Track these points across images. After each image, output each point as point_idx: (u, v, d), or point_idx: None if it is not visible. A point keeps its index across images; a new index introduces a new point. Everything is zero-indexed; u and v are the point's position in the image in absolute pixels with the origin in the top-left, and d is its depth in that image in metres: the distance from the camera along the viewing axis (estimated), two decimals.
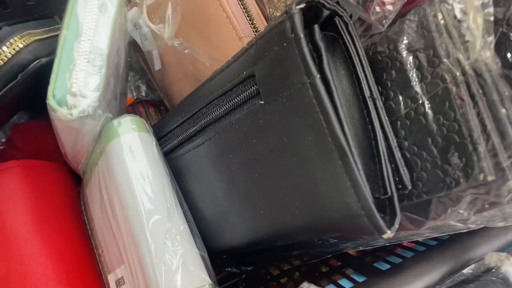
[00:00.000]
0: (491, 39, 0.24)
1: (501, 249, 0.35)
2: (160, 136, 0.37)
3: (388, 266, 0.35)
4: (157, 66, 0.42)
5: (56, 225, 0.37)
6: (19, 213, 0.35)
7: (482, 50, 0.23)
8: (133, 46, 0.46)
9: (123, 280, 0.35)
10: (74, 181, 0.43)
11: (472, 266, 0.33)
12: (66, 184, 0.41)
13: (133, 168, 0.33)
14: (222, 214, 0.33)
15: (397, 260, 0.36)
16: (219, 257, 0.44)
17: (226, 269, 0.45)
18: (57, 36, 0.34)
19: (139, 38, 0.41)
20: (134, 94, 0.51)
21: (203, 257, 0.32)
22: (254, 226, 0.30)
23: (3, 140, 0.44)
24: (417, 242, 0.37)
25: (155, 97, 0.51)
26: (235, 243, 0.33)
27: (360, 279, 0.36)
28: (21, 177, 0.36)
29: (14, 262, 0.34)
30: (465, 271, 0.33)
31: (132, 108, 0.53)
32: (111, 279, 0.37)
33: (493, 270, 0.32)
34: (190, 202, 0.35)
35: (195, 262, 0.31)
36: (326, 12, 0.27)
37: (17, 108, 0.45)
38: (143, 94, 0.50)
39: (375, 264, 0.37)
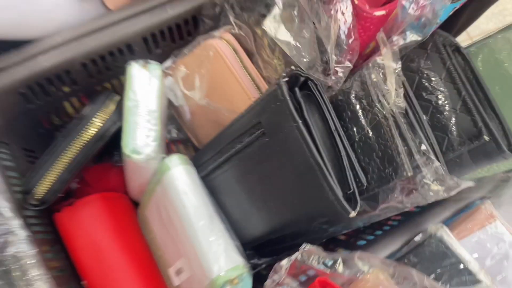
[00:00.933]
0: (401, 90, 0.40)
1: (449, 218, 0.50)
2: (198, 166, 0.52)
3: (364, 242, 0.50)
4: (188, 116, 0.58)
5: (130, 239, 0.52)
6: (106, 233, 0.50)
7: (396, 98, 0.39)
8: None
9: (182, 269, 0.50)
10: (133, 205, 0.59)
11: (420, 234, 0.48)
12: (130, 208, 0.57)
13: (183, 191, 0.48)
14: (246, 215, 0.48)
15: (371, 238, 0.51)
16: (244, 253, 0.59)
17: (251, 261, 0.60)
18: (120, 104, 0.50)
19: (173, 98, 0.57)
20: (167, 136, 0.66)
21: (237, 246, 0.47)
22: (269, 220, 0.46)
23: (77, 180, 0.60)
24: (383, 224, 0.52)
25: (183, 136, 0.66)
26: (256, 234, 0.48)
27: None
28: (102, 206, 0.52)
29: (107, 269, 0.49)
30: (415, 238, 0.48)
31: (166, 147, 0.68)
32: (172, 271, 0.52)
33: (432, 236, 0.47)
34: (223, 209, 0.50)
35: (232, 249, 0.46)
36: (302, 79, 0.43)
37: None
38: (175, 135, 0.66)
39: (357, 243, 0.52)
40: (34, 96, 0.54)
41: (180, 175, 0.49)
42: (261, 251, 0.57)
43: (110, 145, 0.55)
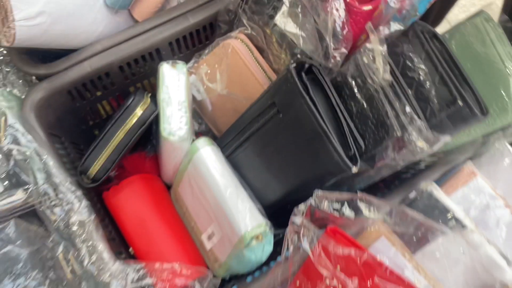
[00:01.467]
0: (388, 67, 0.49)
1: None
2: (221, 147, 0.61)
3: None
4: (209, 108, 0.67)
5: (167, 211, 0.61)
6: (147, 205, 0.59)
7: (383, 73, 0.48)
8: None
9: (213, 233, 0.59)
10: (164, 185, 0.68)
11: (414, 192, 0.57)
12: (164, 187, 0.66)
13: (212, 166, 0.57)
14: (265, 183, 0.57)
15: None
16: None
17: None
18: (153, 98, 0.60)
19: (196, 93, 0.66)
20: None
21: (259, 209, 0.56)
22: (285, 184, 0.55)
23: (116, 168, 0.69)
24: (382, 188, 0.61)
25: (204, 129, 0.75)
26: (274, 199, 0.57)
27: None
28: (143, 183, 0.61)
29: (150, 236, 0.58)
30: (410, 195, 0.56)
31: None
32: (204, 237, 0.60)
33: (424, 191, 0.56)
34: (245, 181, 0.59)
35: (256, 211, 0.55)
36: (307, 65, 0.52)
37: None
38: (196, 128, 0.75)
39: None
40: (79, 95, 0.64)
41: (208, 153, 0.58)
42: (277, 220, 0.66)
43: (144, 138, 0.65)
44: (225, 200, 0.55)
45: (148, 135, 0.70)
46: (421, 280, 0.53)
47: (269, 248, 0.56)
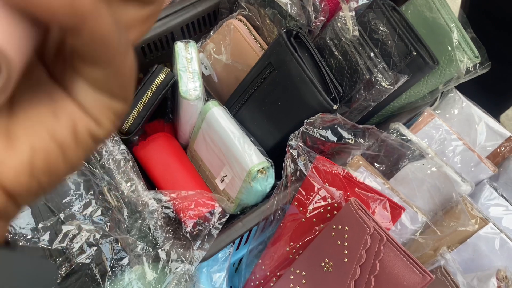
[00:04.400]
0: (357, 27, 0.63)
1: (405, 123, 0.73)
2: (229, 107, 0.75)
3: None
4: (215, 79, 0.81)
5: (186, 160, 0.74)
6: (170, 155, 0.72)
7: (353, 32, 0.63)
8: None
9: (225, 175, 0.71)
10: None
11: (385, 132, 0.70)
12: (180, 145, 0.79)
13: (222, 120, 0.71)
14: (266, 130, 0.71)
15: None
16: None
17: None
18: (171, 71, 0.74)
19: (204, 69, 0.80)
20: None
21: (261, 151, 0.70)
22: (283, 127, 0.68)
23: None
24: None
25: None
26: (274, 142, 0.70)
27: None
28: (166, 138, 0.74)
29: (175, 179, 0.71)
30: (381, 135, 0.70)
31: None
32: (217, 180, 0.73)
33: (392, 129, 0.69)
34: (250, 131, 0.72)
35: (259, 152, 0.68)
36: (294, 32, 0.67)
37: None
38: None
39: None
40: None
41: (219, 111, 0.72)
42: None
43: (161, 110, 0.78)
44: (234, 144, 0.68)
45: (165, 109, 0.84)
46: (396, 199, 0.66)
47: (271, 180, 0.68)
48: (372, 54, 0.62)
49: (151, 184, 0.73)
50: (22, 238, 0.51)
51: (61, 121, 0.19)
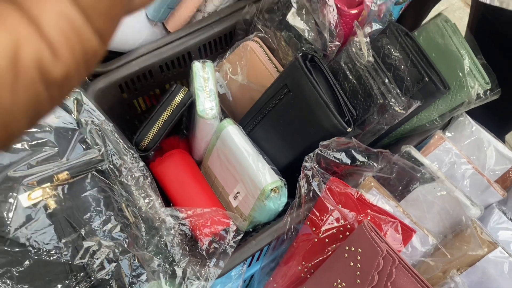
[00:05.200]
0: (371, 52, 0.65)
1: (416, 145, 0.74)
2: (243, 126, 0.77)
3: None
4: (230, 98, 0.83)
5: (200, 177, 0.76)
6: (185, 172, 0.74)
7: (367, 56, 0.65)
8: None
9: (239, 192, 0.73)
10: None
11: (396, 154, 0.72)
12: (194, 161, 0.81)
13: (237, 139, 0.72)
14: (280, 150, 0.72)
15: None
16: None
17: None
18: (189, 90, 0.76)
19: (219, 88, 0.82)
20: None
21: (275, 170, 0.71)
22: (297, 148, 0.70)
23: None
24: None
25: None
26: (287, 162, 0.72)
27: None
28: (181, 155, 0.76)
29: (188, 195, 0.73)
30: (393, 157, 0.72)
31: None
32: (231, 197, 0.75)
33: (404, 152, 0.71)
34: (263, 150, 0.74)
35: (272, 170, 0.70)
36: (309, 56, 0.69)
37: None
38: None
39: None
40: (127, 89, 0.80)
41: (234, 130, 0.74)
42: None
43: (176, 127, 0.80)
44: (248, 163, 0.70)
45: (180, 125, 0.85)
46: (407, 221, 0.67)
47: (284, 199, 0.70)
48: (386, 80, 0.64)
49: (166, 199, 0.74)
50: (45, 253, 0.53)
51: None
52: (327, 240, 0.64)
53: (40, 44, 0.13)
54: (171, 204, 0.73)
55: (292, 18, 0.66)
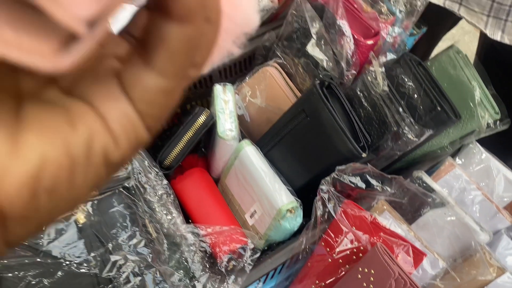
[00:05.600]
0: (386, 82, 0.69)
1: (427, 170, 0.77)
2: (260, 146, 0.80)
3: None
4: (248, 119, 0.87)
5: (218, 195, 0.79)
6: (205, 189, 0.77)
7: (383, 86, 0.68)
8: None
9: (255, 211, 0.76)
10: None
11: (408, 179, 0.75)
12: (212, 179, 0.84)
13: (255, 159, 0.76)
14: (295, 172, 0.75)
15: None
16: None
17: None
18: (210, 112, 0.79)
19: (238, 110, 0.86)
20: None
21: (291, 191, 0.74)
22: (312, 171, 0.73)
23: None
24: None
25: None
26: (302, 183, 0.75)
27: None
28: (201, 173, 0.79)
29: (207, 211, 0.76)
30: (405, 182, 0.74)
31: None
32: (247, 215, 0.78)
33: (415, 177, 0.74)
34: (280, 171, 0.77)
35: (288, 191, 0.73)
36: (326, 83, 0.72)
37: None
38: None
39: None
40: None
41: (252, 151, 0.77)
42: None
43: (196, 146, 0.84)
44: (265, 183, 0.73)
45: (198, 144, 0.89)
46: (418, 244, 0.70)
47: (299, 220, 0.73)
48: (400, 109, 0.67)
49: (185, 215, 0.77)
50: (76, 266, 0.56)
51: (78, 131, 0.16)
52: (340, 260, 0.66)
53: (107, 136, 0.17)
54: (190, 220, 0.77)
55: (312, 48, 0.70)
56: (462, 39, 2.00)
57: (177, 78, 0.19)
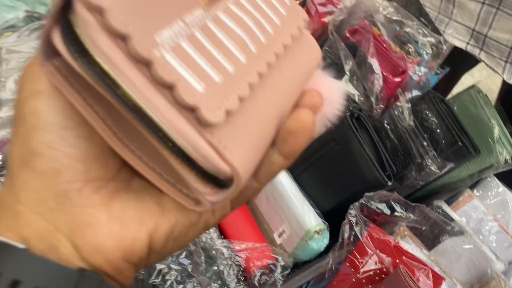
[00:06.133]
0: (412, 117, 0.75)
1: (446, 200, 0.82)
2: (290, 170, 0.86)
3: None
4: None
5: (249, 214, 0.85)
6: (238, 208, 0.83)
7: (409, 120, 0.74)
8: None
9: (284, 231, 0.81)
10: None
11: (429, 208, 0.80)
12: None
13: (285, 183, 0.81)
14: (324, 195, 0.81)
15: None
16: None
17: None
18: None
19: None
20: None
21: (319, 214, 0.80)
22: (340, 195, 0.78)
23: None
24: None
25: None
26: (329, 207, 0.80)
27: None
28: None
29: (241, 233, 0.81)
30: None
31: None
32: (275, 234, 0.83)
33: (435, 206, 0.79)
34: (308, 194, 0.83)
35: (316, 215, 0.78)
36: (356, 114, 0.78)
37: None
38: None
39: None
40: None
41: (282, 174, 0.83)
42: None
43: None
44: (295, 205, 0.79)
45: None
46: (436, 269, 0.74)
47: (326, 241, 0.78)
48: (424, 143, 0.73)
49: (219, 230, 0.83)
50: None
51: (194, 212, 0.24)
52: (364, 280, 0.71)
53: (212, 217, 0.26)
54: (222, 236, 0.82)
55: (345, 84, 0.77)
56: (480, 73, 2.05)
57: (263, 184, 0.26)
